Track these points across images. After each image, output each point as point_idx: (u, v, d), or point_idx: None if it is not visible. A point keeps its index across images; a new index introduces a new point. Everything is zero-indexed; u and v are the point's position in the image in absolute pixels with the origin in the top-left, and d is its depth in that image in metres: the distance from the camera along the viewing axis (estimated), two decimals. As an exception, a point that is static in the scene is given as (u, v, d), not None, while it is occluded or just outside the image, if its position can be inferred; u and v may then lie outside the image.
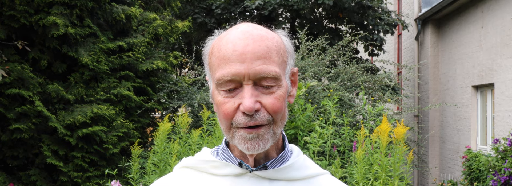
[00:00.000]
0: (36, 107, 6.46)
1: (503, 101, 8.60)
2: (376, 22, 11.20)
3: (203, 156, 1.31)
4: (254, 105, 1.15)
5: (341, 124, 6.27)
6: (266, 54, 1.16)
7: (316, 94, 6.91)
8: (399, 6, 14.93)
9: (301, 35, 8.08)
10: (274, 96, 1.17)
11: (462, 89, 10.34)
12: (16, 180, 6.82)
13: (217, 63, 1.18)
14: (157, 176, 4.86)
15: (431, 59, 11.66)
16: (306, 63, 7.52)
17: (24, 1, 6.45)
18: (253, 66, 1.15)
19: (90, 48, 7.01)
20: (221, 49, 1.18)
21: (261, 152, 1.19)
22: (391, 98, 7.97)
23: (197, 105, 7.56)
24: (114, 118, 6.98)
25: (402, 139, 4.44)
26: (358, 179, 4.36)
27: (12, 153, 6.74)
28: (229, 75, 1.15)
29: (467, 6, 10.14)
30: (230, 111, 1.17)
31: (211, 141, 5.00)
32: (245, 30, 1.19)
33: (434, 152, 11.76)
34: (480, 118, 9.93)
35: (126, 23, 7.47)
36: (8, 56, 6.52)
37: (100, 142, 6.89)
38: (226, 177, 1.26)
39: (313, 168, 1.33)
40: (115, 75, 7.25)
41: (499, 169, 6.75)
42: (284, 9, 11.57)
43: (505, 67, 8.53)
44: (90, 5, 6.85)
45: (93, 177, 6.85)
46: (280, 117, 1.19)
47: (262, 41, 1.17)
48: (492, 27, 9.06)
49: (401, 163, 4.45)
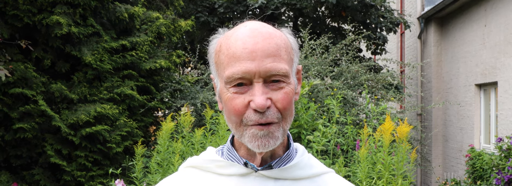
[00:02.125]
0: (39, 106, 6.47)
1: (506, 99, 8.58)
2: (379, 20, 11.19)
3: (208, 155, 1.31)
4: (266, 102, 1.15)
5: (345, 122, 6.27)
6: (276, 52, 1.17)
7: (319, 93, 6.91)
8: (402, 4, 14.91)
9: (304, 34, 8.07)
10: (283, 91, 1.18)
11: (465, 88, 10.33)
12: (20, 179, 6.83)
13: (227, 61, 1.17)
14: (160, 175, 4.87)
15: (434, 57, 11.64)
16: (309, 62, 7.51)
17: (27, 1, 6.46)
18: (264, 64, 1.15)
19: (93, 47, 7.01)
20: (230, 47, 1.17)
21: (270, 150, 1.19)
22: (394, 97, 7.97)
23: (200, 104, 7.56)
24: (117, 117, 6.99)
25: (405, 137, 4.43)
26: (362, 178, 4.36)
27: (16, 153, 6.76)
28: (239, 73, 1.15)
29: (470, 4, 10.11)
30: (240, 107, 1.17)
31: (214, 140, 5.01)
32: (253, 27, 1.19)
33: (437, 151, 11.75)
34: (483, 116, 9.91)
35: (129, 22, 7.48)
36: (11, 55, 6.53)
37: (104, 141, 6.90)
38: (231, 177, 1.26)
39: (318, 167, 1.32)
40: (118, 75, 7.25)
41: (502, 168, 6.74)
42: (287, 8, 11.57)
43: (508, 66, 8.51)
44: (93, 4, 6.86)
45: (97, 176, 6.86)
46: (288, 114, 1.20)
47: (271, 39, 1.17)
48: (496, 26, 9.04)
49: (404, 161, 4.44)
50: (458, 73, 10.71)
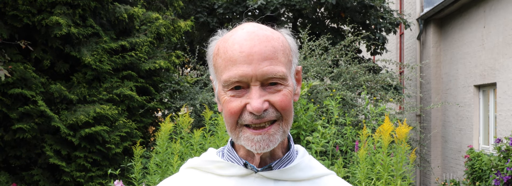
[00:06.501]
0: (39, 107, 6.47)
1: (505, 100, 8.59)
2: (378, 21, 11.20)
3: (209, 156, 1.32)
4: (262, 105, 1.15)
5: (344, 123, 6.27)
6: (272, 55, 1.17)
7: (318, 94, 6.91)
8: (401, 5, 14.92)
9: (303, 35, 8.08)
10: (281, 93, 1.18)
11: (464, 89, 10.33)
12: (19, 180, 6.83)
13: (224, 65, 1.18)
14: (159, 176, 4.87)
15: (433, 58, 11.65)
16: (308, 63, 7.52)
17: (27, 1, 6.46)
18: (260, 67, 1.15)
19: (93, 48, 7.01)
20: (227, 51, 1.18)
21: (268, 151, 1.20)
22: (393, 98, 7.97)
23: (199, 105, 7.56)
24: (116, 118, 6.99)
25: (404, 138, 4.44)
26: (361, 178, 4.36)
27: (15, 153, 6.76)
28: (236, 77, 1.15)
29: (469, 5, 10.13)
30: (236, 109, 1.17)
31: (213, 141, 5.01)
32: (250, 30, 1.19)
33: (436, 152, 11.75)
34: (482, 117, 9.92)
35: (129, 23, 7.48)
36: (11, 56, 6.53)
37: (103, 141, 6.90)
38: (231, 178, 1.26)
39: (318, 169, 1.33)
40: (117, 75, 7.26)
41: (501, 169, 6.75)
42: (286, 9, 11.57)
43: (507, 67, 8.52)
44: (92, 5, 6.86)
45: (96, 177, 6.86)
46: (288, 114, 1.20)
47: (268, 42, 1.17)
48: (494, 27, 9.05)
49: (403, 162, 4.45)
50: (457, 74, 10.72)
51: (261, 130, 1.17)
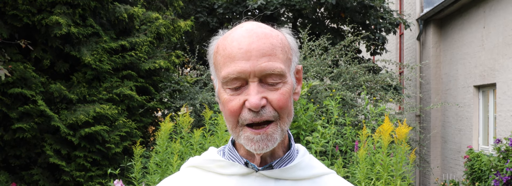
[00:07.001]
0: (38, 106, 6.48)
1: (505, 101, 8.59)
2: (378, 21, 11.20)
3: (210, 155, 1.32)
4: (260, 101, 1.15)
5: (343, 123, 6.27)
6: (271, 51, 1.17)
7: (318, 94, 6.92)
8: (401, 6, 14.92)
9: (303, 35, 8.08)
10: (279, 91, 1.18)
11: (464, 89, 10.34)
12: (19, 179, 6.83)
13: (223, 62, 1.19)
14: (159, 176, 4.87)
15: (433, 59, 11.65)
16: (308, 63, 7.52)
17: (26, 1, 6.46)
18: (259, 63, 1.16)
19: (93, 47, 7.02)
20: (226, 48, 1.19)
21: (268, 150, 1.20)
22: (393, 98, 7.97)
23: (199, 105, 7.56)
24: (116, 118, 6.99)
25: (404, 138, 4.44)
26: (360, 178, 4.36)
27: (15, 153, 6.76)
28: (234, 73, 1.16)
29: (469, 6, 10.13)
30: (236, 108, 1.18)
31: (213, 140, 5.01)
32: (249, 28, 1.20)
33: (436, 152, 11.76)
34: (482, 118, 9.92)
35: (129, 23, 7.48)
36: (10, 55, 6.53)
37: (103, 141, 6.91)
38: (232, 177, 1.27)
39: (319, 168, 1.33)
40: (117, 75, 7.26)
41: (501, 169, 6.75)
42: (286, 9, 11.58)
43: (507, 67, 8.52)
44: (92, 4, 6.86)
45: (96, 177, 6.86)
46: (286, 113, 1.20)
47: (266, 39, 1.18)
48: (494, 27, 9.05)
49: (403, 162, 4.45)
50: (456, 74, 10.73)
51: (261, 130, 1.18)
